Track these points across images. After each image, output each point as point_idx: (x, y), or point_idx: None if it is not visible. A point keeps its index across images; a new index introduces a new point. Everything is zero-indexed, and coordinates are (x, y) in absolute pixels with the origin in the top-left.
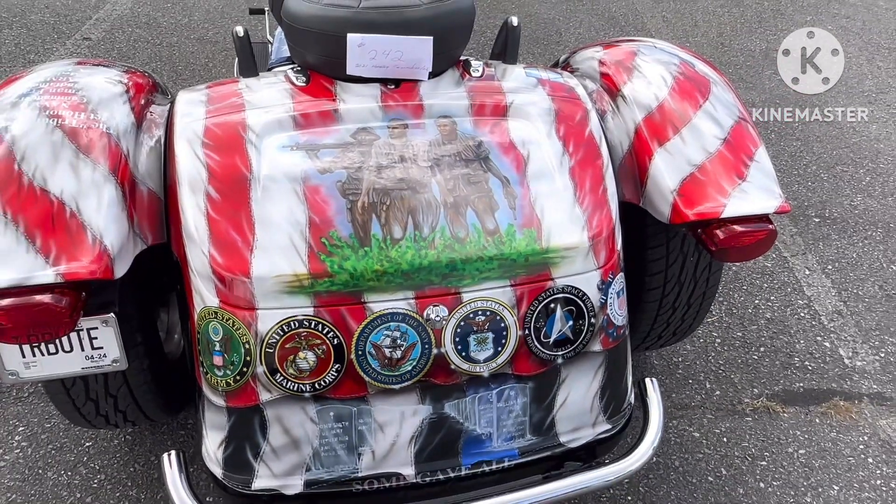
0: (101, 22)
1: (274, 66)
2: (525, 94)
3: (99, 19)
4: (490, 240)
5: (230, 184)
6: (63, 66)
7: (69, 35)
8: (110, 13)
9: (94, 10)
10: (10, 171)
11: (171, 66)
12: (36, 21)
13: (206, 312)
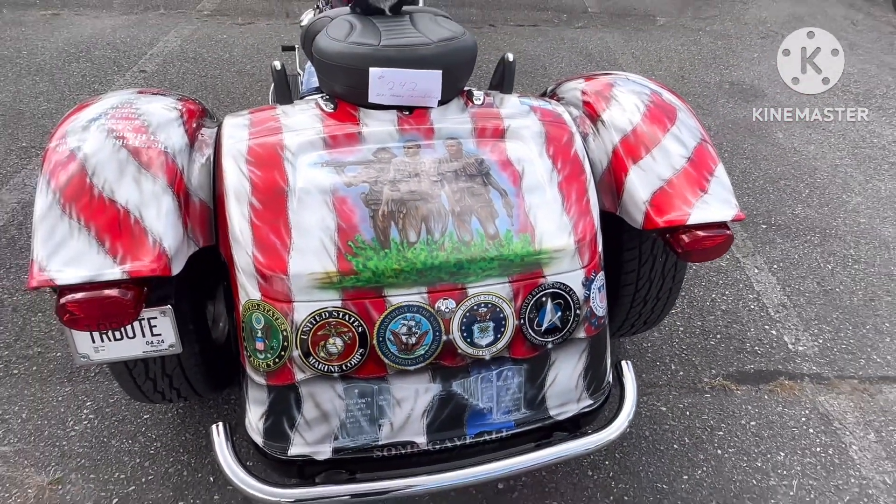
0: (154, 57)
1: (305, 94)
2: (520, 119)
3: (153, 54)
4: (491, 243)
5: (270, 195)
6: (126, 94)
7: (128, 68)
8: (162, 49)
9: (149, 47)
10: (83, 184)
11: (214, 94)
12: (99, 56)
13: (249, 304)
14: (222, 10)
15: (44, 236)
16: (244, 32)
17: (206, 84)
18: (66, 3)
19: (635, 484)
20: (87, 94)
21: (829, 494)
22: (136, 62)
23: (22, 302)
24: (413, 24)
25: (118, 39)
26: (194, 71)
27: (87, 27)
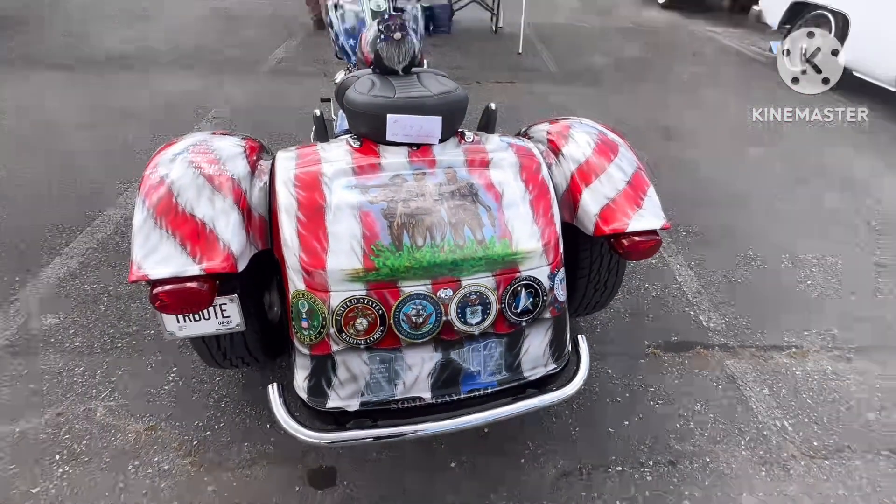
0: (222, 106)
1: (338, 134)
2: (500, 153)
3: (225, 104)
4: (479, 246)
5: (312, 210)
6: (202, 135)
7: (205, 114)
8: (229, 100)
9: (219, 99)
10: (170, 203)
11: (269, 133)
12: (183, 104)
13: (296, 293)
14: (277, 71)
15: (140, 242)
16: (291, 88)
17: (261, 126)
18: (158, 66)
19: (589, 428)
20: (174, 135)
21: (734, 435)
22: (211, 110)
23: (124, 292)
24: (419, 81)
25: (194, 92)
26: (255, 116)
27: (175, 84)
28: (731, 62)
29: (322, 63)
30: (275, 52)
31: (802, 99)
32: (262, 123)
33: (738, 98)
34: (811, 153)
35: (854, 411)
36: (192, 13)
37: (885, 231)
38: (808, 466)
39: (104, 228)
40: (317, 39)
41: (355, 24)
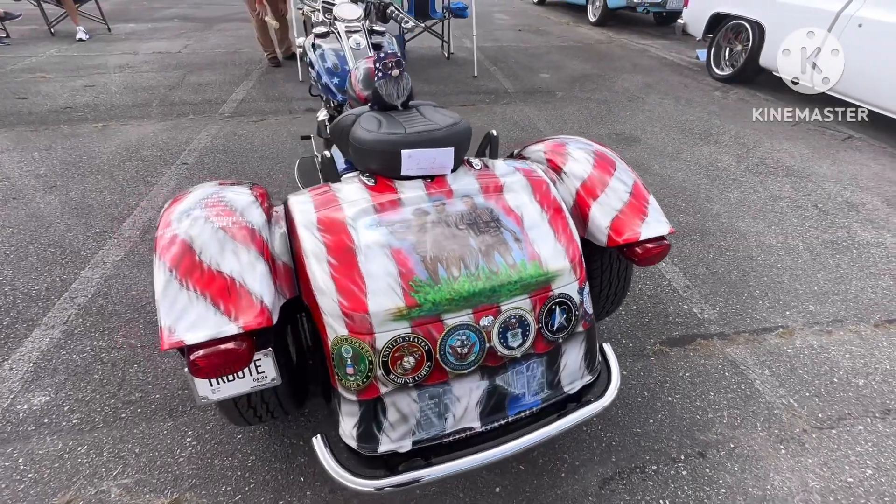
0: (192, 151)
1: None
2: (510, 176)
3: (191, 150)
4: (512, 271)
5: (342, 253)
6: (210, 187)
7: (172, 162)
8: (197, 145)
9: (186, 144)
10: (193, 261)
11: (245, 176)
12: (147, 154)
13: (338, 339)
14: (239, 112)
15: (167, 307)
16: (259, 127)
17: (237, 169)
18: (112, 116)
19: (617, 431)
20: (143, 185)
21: (749, 418)
22: (178, 157)
23: (119, 358)
24: (421, 115)
25: (160, 140)
26: (226, 160)
27: (133, 133)
28: (665, 70)
29: (285, 100)
30: (233, 94)
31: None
32: (235, 167)
33: (678, 102)
34: (755, 147)
35: (844, 380)
36: (141, 60)
37: (829, 210)
38: (819, 438)
39: (84, 291)
40: (273, 77)
41: (336, 62)
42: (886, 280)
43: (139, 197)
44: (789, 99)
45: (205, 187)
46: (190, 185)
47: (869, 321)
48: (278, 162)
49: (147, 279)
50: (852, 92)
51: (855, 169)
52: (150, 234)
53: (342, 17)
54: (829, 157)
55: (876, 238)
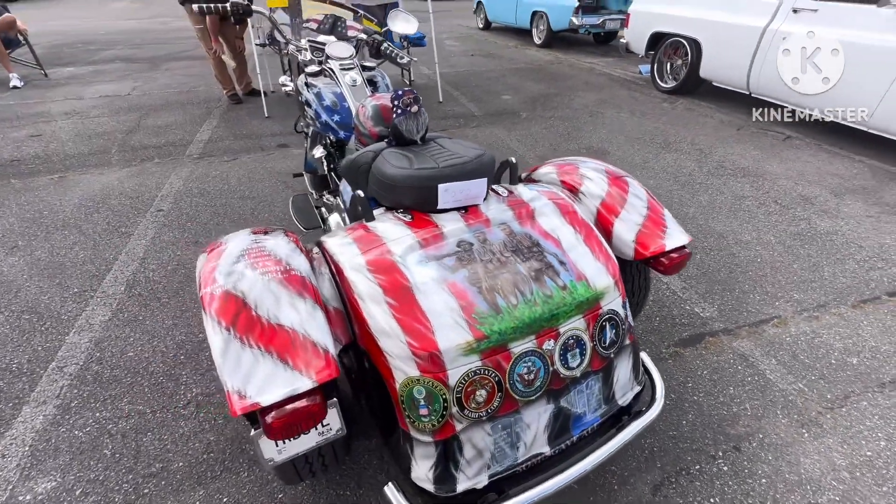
0: (166, 197)
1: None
2: (537, 201)
3: (164, 195)
4: (565, 293)
5: (400, 293)
6: (244, 237)
7: (145, 210)
8: (170, 190)
9: (158, 190)
10: (251, 317)
11: (228, 218)
12: (116, 204)
13: (408, 381)
14: (208, 153)
15: (231, 368)
16: (233, 167)
17: (218, 212)
18: (68, 166)
19: (656, 437)
20: (117, 237)
21: (769, 407)
22: (150, 204)
23: (128, 427)
24: (443, 147)
25: (128, 188)
26: (204, 203)
27: (96, 183)
28: (615, 86)
29: (254, 138)
30: (198, 134)
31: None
32: (215, 209)
33: (633, 115)
34: (711, 152)
35: (840, 360)
36: (88, 105)
37: (788, 205)
38: (833, 418)
39: (73, 359)
40: (237, 115)
41: (334, 99)
42: (850, 264)
43: (115, 250)
44: (728, 106)
45: (238, 237)
46: (170, 234)
47: (847, 303)
48: (260, 201)
49: (142, 338)
50: (782, 96)
51: (800, 166)
52: (136, 290)
53: (335, 56)
54: (776, 157)
55: (832, 227)
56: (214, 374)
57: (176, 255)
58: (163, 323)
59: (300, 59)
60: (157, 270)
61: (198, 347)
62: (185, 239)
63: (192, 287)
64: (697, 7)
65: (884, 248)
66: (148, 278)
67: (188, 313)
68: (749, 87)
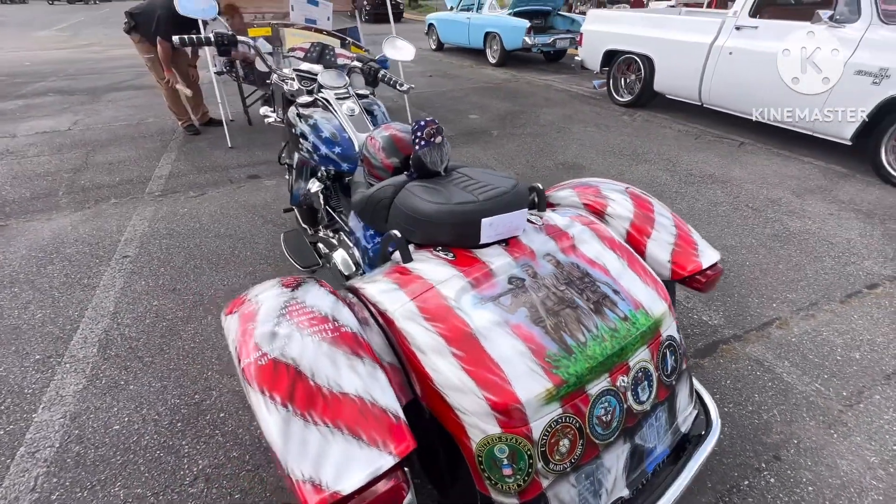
0: (130, 241)
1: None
2: (573, 228)
3: (127, 239)
4: (627, 324)
5: (464, 342)
6: (276, 290)
7: (108, 257)
8: (134, 233)
9: (119, 234)
10: (310, 388)
11: (206, 260)
12: (72, 253)
13: (488, 439)
14: (171, 189)
15: (297, 453)
16: (201, 203)
17: (193, 254)
18: (9, 213)
19: None
20: (80, 291)
21: (795, 410)
22: (113, 250)
23: None
24: (469, 177)
25: (84, 234)
26: (175, 245)
27: (44, 230)
28: (575, 102)
29: (220, 170)
30: (157, 170)
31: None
32: (189, 251)
33: (599, 128)
34: (678, 160)
35: (845, 356)
36: (23, 143)
37: (759, 208)
38: (854, 415)
39: (47, 440)
40: (196, 146)
41: (333, 130)
42: (828, 261)
43: (79, 306)
44: (682, 117)
45: (269, 291)
46: (141, 282)
47: (835, 299)
48: (239, 239)
49: (128, 406)
50: (727, 104)
51: (759, 170)
52: (111, 350)
53: (329, 85)
54: (737, 163)
55: (803, 226)
56: (219, 440)
57: (152, 306)
58: (149, 386)
59: (286, 90)
60: (133, 326)
61: (196, 411)
62: (161, 286)
63: (178, 341)
64: (648, 26)
65: (851, 243)
66: (124, 335)
67: (177, 372)
68: (700, 99)
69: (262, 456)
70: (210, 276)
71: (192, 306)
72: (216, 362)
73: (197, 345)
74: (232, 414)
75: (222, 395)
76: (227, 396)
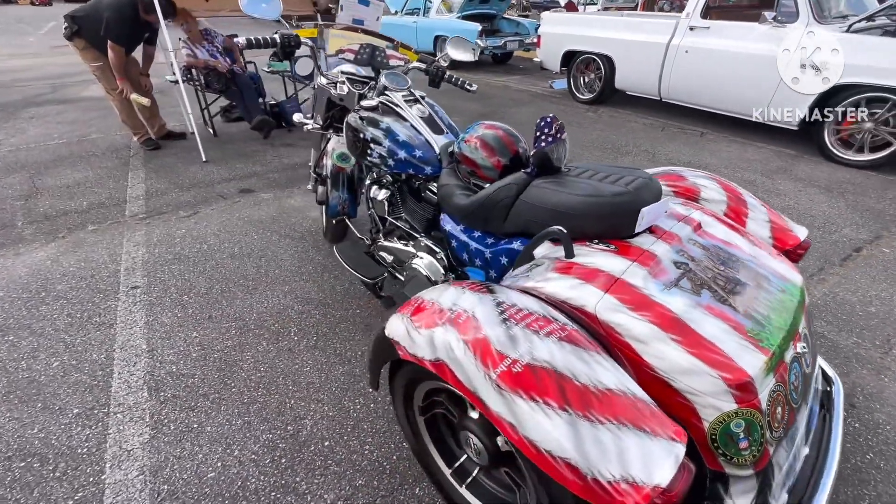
0: (133, 270)
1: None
2: (694, 214)
3: (128, 269)
4: (787, 296)
5: (675, 326)
6: (473, 295)
7: (113, 291)
8: (133, 262)
9: (115, 264)
10: (579, 389)
11: (233, 282)
12: (66, 289)
13: (723, 417)
14: (156, 210)
15: (598, 455)
16: (199, 223)
17: (214, 277)
18: None
19: None
20: (95, 331)
21: (849, 363)
22: (116, 281)
23: None
24: (596, 170)
25: (71, 267)
26: (188, 270)
27: (17, 268)
28: (538, 101)
29: (204, 186)
30: (129, 191)
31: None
32: (208, 275)
33: (571, 125)
34: (655, 151)
35: (864, 311)
36: None
37: None
38: (892, 360)
39: (134, 503)
40: (164, 162)
41: (410, 134)
42: (816, 232)
43: (103, 347)
44: (643, 111)
45: (469, 296)
46: (167, 314)
47: (835, 264)
48: (259, 256)
49: (214, 450)
50: (686, 98)
51: (726, 156)
52: (165, 392)
53: (395, 87)
54: (705, 150)
55: (784, 203)
56: (336, 470)
57: (192, 339)
58: (230, 424)
59: (334, 94)
60: (180, 362)
61: (295, 443)
62: (192, 316)
63: (240, 372)
64: (606, 28)
65: (827, 215)
66: (173, 374)
67: (256, 405)
68: (660, 94)
69: (389, 479)
70: (245, 300)
71: (239, 333)
72: (294, 388)
73: (264, 373)
74: (337, 440)
75: (317, 422)
76: (324, 423)
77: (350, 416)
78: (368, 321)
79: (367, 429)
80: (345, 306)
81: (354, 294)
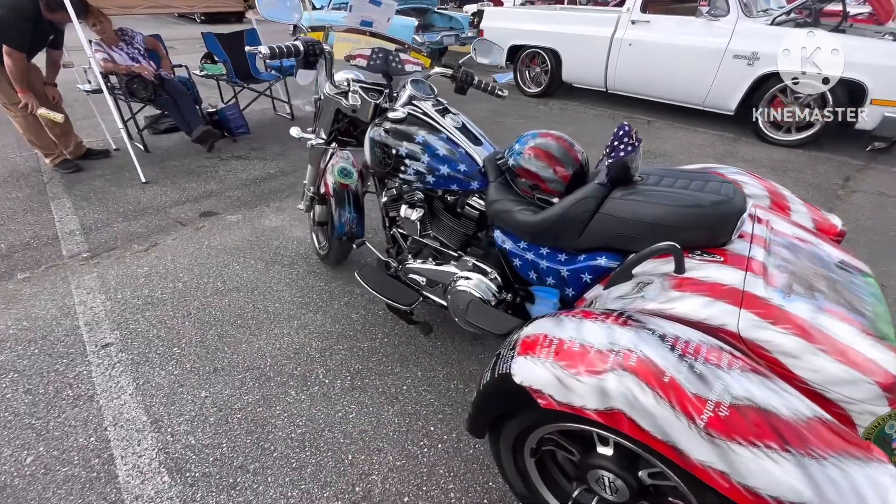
0: (96, 324)
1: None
2: (759, 212)
3: (89, 324)
4: (871, 287)
5: (816, 336)
6: (600, 328)
7: (79, 353)
8: (94, 313)
9: (70, 318)
10: (787, 423)
11: (229, 324)
12: (13, 359)
13: (878, 420)
14: (101, 247)
15: (836, 496)
16: (160, 257)
17: (203, 320)
18: None
19: None
20: (71, 408)
21: None
22: (79, 340)
23: None
24: (675, 178)
25: (10, 330)
26: (167, 315)
27: None
28: (486, 96)
29: (154, 212)
30: (58, 226)
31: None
32: (194, 319)
33: (528, 119)
34: None
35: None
36: None
37: None
38: None
39: None
40: (92, 187)
41: (448, 147)
42: None
43: (89, 428)
44: (589, 102)
45: (593, 329)
46: (158, 373)
47: None
48: (250, 290)
49: None
50: (631, 88)
51: (678, 142)
52: (189, 472)
53: (421, 97)
54: (658, 138)
55: None
56: None
57: (203, 399)
58: (286, 497)
59: (345, 105)
60: (197, 430)
61: None
62: (193, 372)
63: (275, 431)
64: (550, 22)
65: None
66: (193, 447)
67: (307, 469)
68: (606, 86)
69: None
70: (251, 343)
71: (259, 384)
72: (346, 441)
73: (305, 428)
74: (416, 493)
75: (386, 476)
76: (394, 475)
77: (421, 463)
78: (401, 350)
79: (444, 473)
80: (369, 336)
81: (375, 321)
